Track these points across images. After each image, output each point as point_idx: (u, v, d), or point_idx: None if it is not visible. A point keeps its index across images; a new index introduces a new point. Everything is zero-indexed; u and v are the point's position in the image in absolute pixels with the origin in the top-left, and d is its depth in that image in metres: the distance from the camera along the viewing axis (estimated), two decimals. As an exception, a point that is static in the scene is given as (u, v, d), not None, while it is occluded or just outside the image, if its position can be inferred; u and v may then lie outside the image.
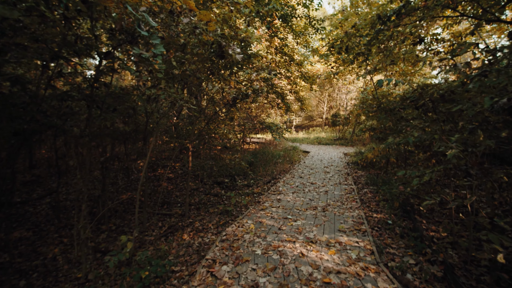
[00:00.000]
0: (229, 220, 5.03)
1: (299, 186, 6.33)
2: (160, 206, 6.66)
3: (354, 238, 3.40)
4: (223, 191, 7.89)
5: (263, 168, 10.00)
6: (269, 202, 5.04)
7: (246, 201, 5.79)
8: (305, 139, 22.52)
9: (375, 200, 5.77)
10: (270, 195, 5.64)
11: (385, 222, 4.50)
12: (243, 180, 8.79)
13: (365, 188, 6.96)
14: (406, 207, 4.93)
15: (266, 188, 7.42)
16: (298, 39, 9.93)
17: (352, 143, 19.17)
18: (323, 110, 32.16)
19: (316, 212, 4.34)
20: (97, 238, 4.96)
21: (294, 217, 4.14)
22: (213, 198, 7.15)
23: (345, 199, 5.22)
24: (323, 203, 4.91)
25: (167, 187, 8.70)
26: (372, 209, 5.18)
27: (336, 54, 6.74)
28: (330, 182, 6.86)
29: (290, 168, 10.02)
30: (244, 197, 6.86)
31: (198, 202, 6.80)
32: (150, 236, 4.74)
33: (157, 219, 5.74)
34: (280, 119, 23.00)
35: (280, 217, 4.10)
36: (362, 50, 5.74)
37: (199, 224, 5.07)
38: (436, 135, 3.05)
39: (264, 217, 4.20)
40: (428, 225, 4.30)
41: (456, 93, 2.82)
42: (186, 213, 5.61)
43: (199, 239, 4.28)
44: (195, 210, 6.14)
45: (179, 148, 7.18)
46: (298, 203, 4.89)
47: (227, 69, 4.21)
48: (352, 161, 11.35)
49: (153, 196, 7.76)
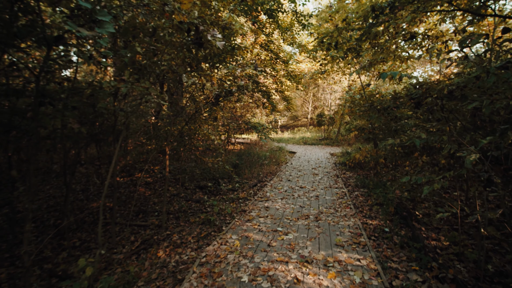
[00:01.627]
0: (212, 231, 4.50)
1: (288, 191, 5.90)
2: (135, 216, 6.00)
3: (354, 255, 3.00)
4: (205, 196, 7.33)
5: (248, 170, 9.51)
6: (256, 210, 4.56)
7: (231, 209, 5.27)
8: (291, 139, 22.28)
9: (368, 205, 5.45)
10: (257, 202, 5.16)
11: (381, 230, 4.16)
12: (227, 184, 8.26)
13: (355, 190, 6.66)
14: (401, 212, 4.62)
15: (252, 192, 6.94)
16: (284, 35, 9.53)
17: (338, 143, 19.13)
18: (308, 110, 32.18)
19: (308, 222, 3.91)
20: (56, 257, 4.26)
21: (284, 229, 3.67)
22: (195, 205, 6.58)
23: (338, 205, 4.85)
24: (315, 210, 4.50)
25: (144, 193, 8.00)
26: (366, 214, 4.84)
27: (325, 50, 6.39)
28: (320, 185, 6.49)
29: (277, 170, 9.61)
30: (229, 203, 6.34)
31: (178, 210, 6.20)
32: (119, 254, 4.11)
33: (130, 231, 5.10)
34: (266, 119, 22.62)
35: (269, 230, 3.62)
36: (353, 45, 5.40)
37: (178, 237, 4.50)
38: (444, 136, 2.69)
39: (251, 230, 3.70)
40: (428, 233, 3.99)
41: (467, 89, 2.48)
42: (164, 224, 5.01)
43: (176, 256, 3.72)
44: (174, 220, 5.54)
45: (156, 151, 6.53)
46: (288, 211, 4.44)
47: (208, 61, 3.68)
48: (339, 162, 11.13)
49: (127, 204, 7.05)
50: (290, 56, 11.60)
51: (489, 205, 4.27)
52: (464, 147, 2.17)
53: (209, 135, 5.21)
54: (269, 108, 13.14)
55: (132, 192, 8.08)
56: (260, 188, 7.30)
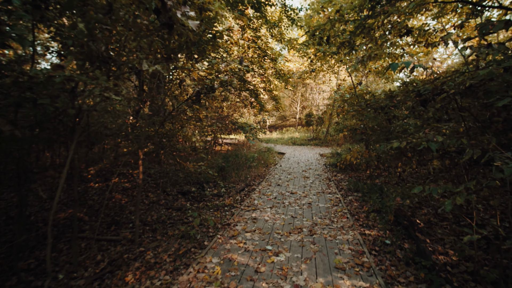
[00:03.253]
0: (192, 247, 3.94)
1: (278, 198, 5.41)
2: (106, 228, 5.32)
3: (358, 281, 2.52)
4: (188, 203, 6.73)
5: (235, 173, 8.96)
6: (242, 223, 4.01)
7: (214, 221, 4.72)
8: (279, 140, 21.89)
9: (364, 211, 5.04)
10: (243, 212, 4.62)
11: (382, 243, 3.74)
12: (212, 189, 7.69)
13: (349, 195, 6.26)
14: (401, 220, 4.23)
15: (239, 198, 6.40)
16: (272, 31, 9.05)
17: (327, 143, 18.90)
18: (296, 110, 31.96)
19: (302, 236, 3.41)
20: (3, 285, 3.56)
21: (275, 247, 3.14)
22: (176, 213, 5.97)
23: (333, 214, 4.39)
24: (308, 221, 4.02)
25: (120, 200, 7.28)
26: (363, 223, 4.42)
27: (316, 45, 5.94)
28: (311, 190, 6.04)
29: (266, 173, 9.11)
30: (213, 211, 5.78)
31: (156, 220, 5.58)
32: (79, 280, 3.47)
33: (98, 248, 4.44)
34: (254, 119, 22.12)
35: (257, 249, 3.08)
36: (347, 39, 4.97)
37: (152, 255, 3.91)
38: (463, 139, 2.26)
39: (236, 250, 3.14)
40: (433, 245, 3.60)
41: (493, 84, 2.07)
42: (137, 238, 4.39)
43: (148, 281, 3.14)
44: (150, 232, 4.92)
45: (129, 154, 5.86)
46: (278, 223, 3.93)
47: (184, 50, 3.12)
48: (329, 163, 10.78)
49: (100, 214, 6.34)
50: (278, 54, 11.14)
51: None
52: (497, 154, 1.75)
53: (190, 137, 4.64)
54: (257, 108, 12.64)
55: (107, 199, 7.34)
56: (247, 193, 6.77)
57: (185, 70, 3.69)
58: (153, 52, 3.16)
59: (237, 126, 9.32)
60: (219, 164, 9.02)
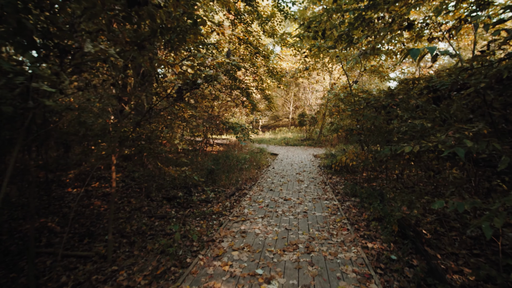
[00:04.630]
0: (172, 266, 3.44)
1: (270, 205, 4.94)
2: (79, 241, 4.75)
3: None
4: (173, 210, 6.20)
5: (226, 175, 8.46)
6: (229, 238, 3.49)
7: (200, 232, 4.22)
8: (272, 140, 21.47)
9: (364, 219, 4.64)
10: (231, 224, 4.12)
11: (387, 258, 3.32)
12: (201, 193, 7.17)
13: (346, 200, 5.86)
14: (406, 230, 3.83)
15: (229, 204, 5.92)
16: (264, 26, 8.59)
17: (320, 144, 18.59)
18: (289, 110, 31.66)
19: (298, 255, 2.94)
20: None
21: (266, 270, 2.64)
22: (159, 222, 5.44)
23: (331, 225, 3.95)
24: (304, 235, 3.56)
25: (99, 207, 6.67)
26: (364, 234, 4.00)
27: (311, 39, 5.51)
28: (307, 196, 5.60)
29: (258, 176, 8.65)
30: (199, 220, 5.28)
31: (136, 230, 5.04)
32: (34, 310, 2.92)
33: (65, 266, 3.88)
34: (246, 119, 21.64)
35: (245, 273, 2.57)
36: (345, 32, 4.56)
37: (125, 276, 3.39)
38: (495, 143, 1.84)
39: (219, 276, 2.61)
40: (445, 261, 3.20)
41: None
42: (110, 255, 3.85)
43: (115, 313, 2.63)
44: (127, 246, 4.39)
45: (102, 159, 5.31)
46: (270, 238, 3.45)
47: (157, 36, 2.62)
48: (324, 164, 10.40)
49: (75, 223, 5.75)
50: (271, 52, 10.70)
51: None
52: None
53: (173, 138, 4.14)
54: (249, 107, 12.17)
55: (85, 206, 6.74)
56: (238, 198, 6.29)
57: (161, 62, 3.18)
58: (121, 39, 2.65)
59: (227, 126, 8.81)
60: (208, 167, 8.50)
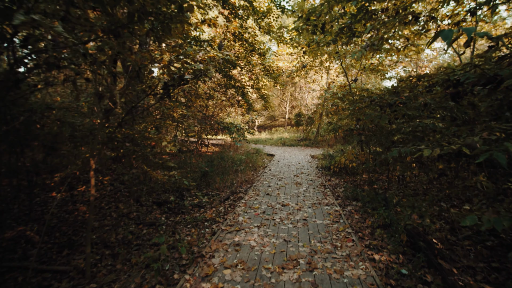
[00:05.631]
0: (156, 283, 3.06)
1: (267, 212, 4.57)
2: (57, 252, 4.34)
3: None
4: (164, 216, 5.81)
5: (221, 178, 8.09)
6: (221, 252, 3.08)
7: (190, 242, 3.85)
8: (268, 140, 21.14)
9: (367, 226, 4.31)
10: (224, 235, 3.73)
11: (397, 272, 2.99)
12: (193, 197, 6.79)
13: (347, 204, 5.53)
14: (416, 239, 3.51)
15: (223, 210, 5.56)
16: (260, 22, 8.24)
17: (317, 144, 18.31)
18: (285, 110, 31.38)
19: (298, 274, 2.56)
20: None
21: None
22: (147, 230, 5.06)
23: (334, 234, 3.59)
24: (305, 247, 3.20)
25: (85, 213, 6.25)
26: (370, 243, 3.67)
27: (310, 33, 5.18)
28: (306, 200, 5.25)
29: (254, 178, 8.29)
30: (190, 227, 4.91)
31: (121, 240, 4.65)
32: None
33: (38, 283, 3.47)
34: (242, 119, 21.27)
35: (238, 298, 2.23)
36: (347, 24, 4.23)
37: (104, 296, 3.00)
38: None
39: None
40: (462, 275, 2.88)
41: None
42: (89, 270, 3.45)
43: None
44: (109, 259, 3.99)
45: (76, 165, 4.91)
46: (267, 251, 3.07)
47: (135, 21, 2.24)
48: (322, 165, 10.08)
49: (56, 232, 5.34)
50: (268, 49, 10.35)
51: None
52: None
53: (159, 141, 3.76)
54: (245, 107, 11.81)
55: (70, 212, 6.33)
56: (232, 203, 5.93)
57: (144, 54, 2.80)
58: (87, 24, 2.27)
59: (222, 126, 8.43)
60: (201, 169, 8.12)
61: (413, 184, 6.49)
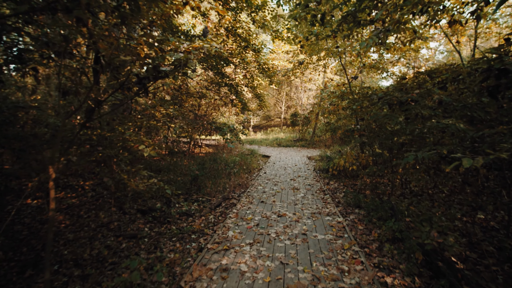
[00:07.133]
0: (127, 319, 2.52)
1: (261, 225, 4.02)
2: (18, 273, 3.76)
3: None
4: (147, 226, 5.27)
5: (212, 181, 7.56)
6: (205, 280, 2.51)
7: (167, 269, 3.30)
8: (264, 141, 20.63)
9: (374, 239, 3.83)
10: (210, 256, 3.15)
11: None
12: (181, 204, 6.23)
13: (349, 211, 5.05)
14: (433, 259, 3.03)
15: (213, 219, 5.03)
16: (255, 16, 7.72)
17: (314, 145, 17.87)
18: (281, 109, 30.92)
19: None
20: None
21: None
22: (127, 244, 4.51)
23: (339, 254, 3.07)
24: (306, 272, 2.67)
25: (60, 223, 5.64)
26: (379, 263, 3.18)
27: (308, 24, 4.68)
28: (304, 209, 4.74)
29: (248, 182, 7.77)
30: (175, 241, 4.37)
31: (96, 256, 4.10)
32: None
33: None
34: (236, 119, 20.71)
35: None
36: (350, 12, 3.75)
37: (60, 336, 2.44)
38: None
39: None
40: (493, 307, 2.41)
41: None
42: (48, 299, 2.88)
43: None
44: (77, 282, 3.44)
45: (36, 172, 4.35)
46: (260, 280, 2.49)
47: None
48: (319, 168, 9.61)
49: (24, 246, 4.75)
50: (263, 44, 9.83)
51: None
52: None
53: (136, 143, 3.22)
54: (239, 106, 11.28)
55: (41, 222, 5.72)
56: (224, 211, 5.40)
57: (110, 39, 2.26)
58: None
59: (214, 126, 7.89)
60: (192, 173, 7.57)
61: (417, 188, 6.05)
